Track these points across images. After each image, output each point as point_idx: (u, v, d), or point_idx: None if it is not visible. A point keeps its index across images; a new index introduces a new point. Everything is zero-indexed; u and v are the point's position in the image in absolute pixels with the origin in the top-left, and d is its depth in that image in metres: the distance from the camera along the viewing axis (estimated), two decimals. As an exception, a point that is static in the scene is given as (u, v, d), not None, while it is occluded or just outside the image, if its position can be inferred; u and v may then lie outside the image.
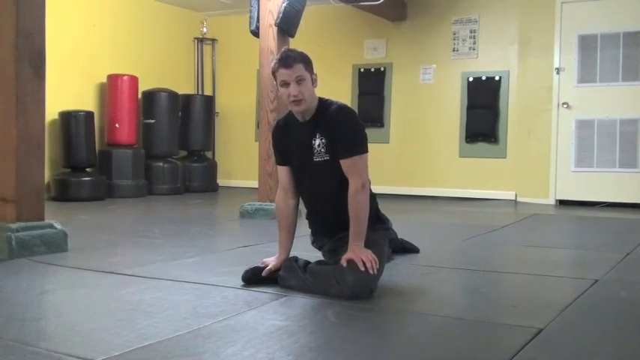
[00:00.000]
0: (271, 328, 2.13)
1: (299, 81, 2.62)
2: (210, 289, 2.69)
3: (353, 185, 2.61)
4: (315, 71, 2.72)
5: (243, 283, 2.76)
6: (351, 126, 2.67)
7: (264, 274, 2.75)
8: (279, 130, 2.86)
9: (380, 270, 2.59)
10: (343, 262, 2.51)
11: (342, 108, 2.70)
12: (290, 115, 2.80)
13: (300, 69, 2.62)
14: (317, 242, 2.98)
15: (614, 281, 3.02)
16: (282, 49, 2.76)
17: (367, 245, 2.60)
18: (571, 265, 3.74)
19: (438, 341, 2.09)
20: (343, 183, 2.65)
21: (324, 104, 2.73)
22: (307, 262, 2.73)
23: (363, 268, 2.48)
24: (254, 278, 2.76)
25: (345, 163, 2.63)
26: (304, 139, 2.71)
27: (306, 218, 2.95)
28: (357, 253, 2.52)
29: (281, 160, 2.86)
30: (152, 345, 1.93)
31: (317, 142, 2.67)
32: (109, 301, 2.56)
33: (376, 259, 2.52)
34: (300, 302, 2.49)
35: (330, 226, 2.83)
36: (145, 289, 2.69)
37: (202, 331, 2.10)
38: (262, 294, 2.60)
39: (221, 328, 2.13)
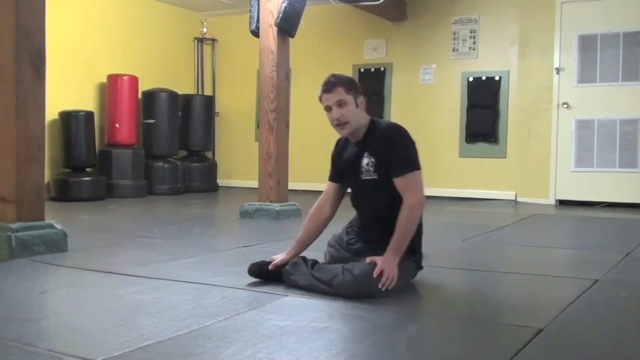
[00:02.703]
0: (271, 328, 2.13)
1: (340, 104, 2.66)
2: (210, 289, 2.69)
3: (409, 200, 2.60)
4: (361, 94, 2.72)
5: (249, 275, 2.79)
6: (401, 144, 2.68)
7: (271, 267, 2.77)
8: (338, 148, 2.92)
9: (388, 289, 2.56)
10: (367, 260, 2.53)
11: (391, 126, 2.72)
12: None
13: (340, 92, 2.66)
14: (351, 234, 2.93)
15: (614, 281, 3.02)
16: (328, 75, 2.79)
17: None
18: (571, 265, 3.74)
19: (438, 341, 2.09)
20: (391, 204, 2.65)
21: (374, 124, 2.76)
22: (315, 262, 2.75)
23: (375, 275, 2.47)
24: (260, 273, 2.79)
25: (399, 182, 2.63)
26: (354, 159, 2.76)
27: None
28: (385, 262, 2.51)
29: (333, 176, 2.92)
30: (152, 345, 1.93)
31: (365, 160, 2.70)
32: (109, 301, 2.56)
33: (394, 281, 2.50)
34: (300, 302, 2.49)
35: (370, 238, 2.81)
36: (145, 289, 2.69)
37: (202, 331, 2.09)
38: (262, 294, 2.60)
39: (221, 328, 2.13)
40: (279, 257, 2.80)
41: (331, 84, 2.69)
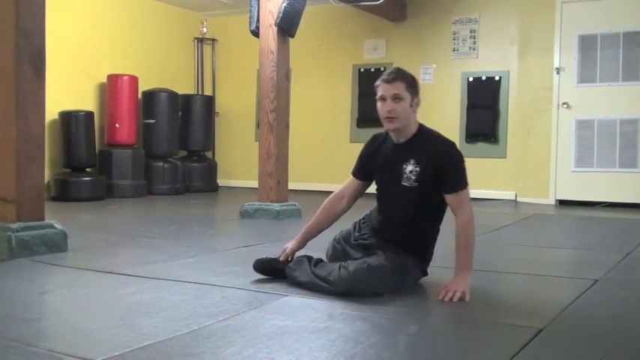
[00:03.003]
0: (271, 328, 2.13)
1: (395, 98, 2.62)
2: (210, 289, 2.69)
3: (462, 218, 2.62)
4: (418, 96, 2.68)
5: (254, 271, 2.83)
6: (457, 162, 2.68)
7: (281, 258, 2.81)
8: (374, 144, 2.86)
9: (381, 285, 2.57)
10: (442, 291, 2.54)
11: (447, 143, 2.69)
12: (387, 134, 2.81)
13: (400, 87, 2.62)
14: (365, 230, 2.89)
15: (614, 281, 3.02)
16: (394, 67, 2.76)
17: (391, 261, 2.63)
18: (571, 265, 3.74)
19: (438, 341, 2.09)
20: (422, 214, 2.70)
21: (424, 132, 2.73)
22: (319, 260, 2.76)
23: (447, 298, 2.49)
24: (265, 269, 2.84)
25: (451, 198, 2.65)
26: (395, 161, 2.71)
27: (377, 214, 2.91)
28: (455, 285, 2.54)
29: (359, 173, 2.88)
30: (152, 345, 1.93)
31: (409, 168, 2.66)
32: (109, 301, 2.56)
33: (464, 297, 2.51)
34: (300, 302, 2.49)
35: (387, 238, 2.77)
36: (145, 289, 2.69)
37: (202, 331, 2.09)
38: (262, 294, 2.60)
39: (221, 328, 2.13)
40: (288, 246, 2.85)
41: (393, 76, 2.65)
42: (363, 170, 2.87)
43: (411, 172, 2.66)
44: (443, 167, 2.63)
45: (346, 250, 2.90)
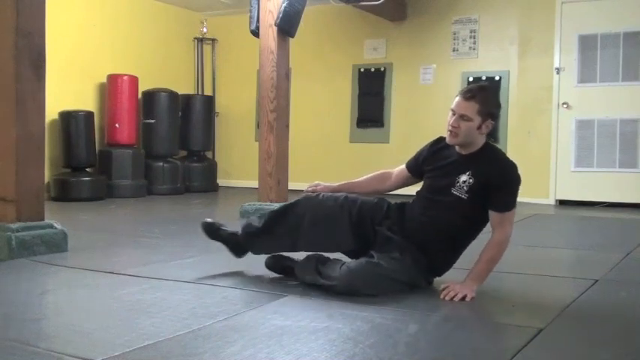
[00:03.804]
0: (271, 328, 2.13)
1: (463, 117, 2.59)
2: (210, 289, 2.69)
3: (499, 236, 2.61)
4: (491, 120, 2.63)
5: (266, 268, 2.88)
6: (514, 185, 2.65)
7: (309, 188, 2.89)
8: (436, 146, 2.84)
9: (377, 286, 2.58)
10: (443, 288, 2.58)
11: (511, 164, 2.66)
12: None
13: (471, 108, 2.58)
14: (393, 219, 2.79)
15: (614, 281, 3.02)
16: (480, 84, 2.74)
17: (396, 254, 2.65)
18: (571, 265, 3.74)
19: (438, 341, 2.09)
20: (460, 226, 2.68)
21: (490, 149, 2.71)
22: (327, 259, 2.76)
23: (448, 298, 2.52)
24: (275, 266, 2.89)
25: (496, 217, 2.62)
26: (453, 169, 2.69)
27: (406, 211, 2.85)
28: (461, 287, 2.56)
29: (413, 166, 2.87)
30: (152, 345, 1.93)
31: (464, 178, 2.64)
32: (109, 301, 2.56)
33: (467, 299, 2.52)
34: (300, 302, 2.49)
35: (413, 239, 2.72)
36: (145, 289, 2.69)
37: (202, 331, 2.10)
38: (262, 294, 2.60)
39: (221, 328, 2.13)
40: (321, 184, 2.92)
41: (471, 95, 2.60)
42: (417, 166, 2.86)
43: (464, 182, 2.63)
44: (499, 185, 2.60)
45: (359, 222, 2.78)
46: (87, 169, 7.14)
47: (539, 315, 2.33)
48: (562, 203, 7.10)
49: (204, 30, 8.97)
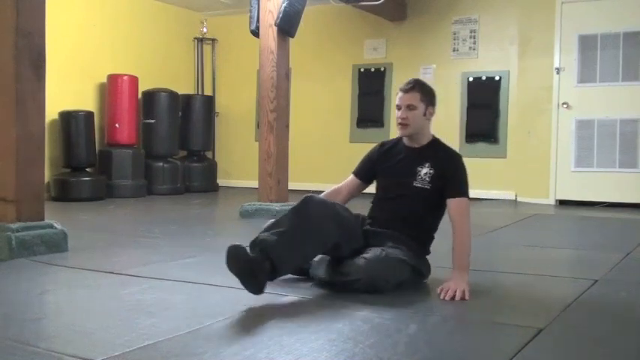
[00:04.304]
0: (271, 328, 2.13)
1: (409, 107, 2.80)
2: (210, 289, 2.69)
3: (461, 229, 2.78)
4: (434, 106, 2.89)
5: None
6: (463, 172, 2.88)
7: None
8: (383, 148, 3.00)
9: (395, 276, 2.67)
10: (440, 291, 2.62)
11: (458, 155, 2.92)
12: (397, 140, 2.97)
13: (414, 97, 2.81)
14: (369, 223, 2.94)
15: (614, 281, 3.02)
16: (413, 78, 2.95)
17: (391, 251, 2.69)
18: (571, 265, 3.74)
19: (438, 341, 2.09)
20: (424, 215, 2.86)
21: (438, 142, 2.93)
22: (341, 257, 2.77)
23: (448, 297, 2.55)
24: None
25: (453, 204, 2.80)
26: (409, 164, 2.86)
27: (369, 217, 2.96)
28: (454, 284, 2.62)
29: (362, 173, 3.02)
30: (152, 345, 1.93)
31: (425, 170, 2.83)
32: (109, 301, 2.56)
33: (464, 296, 2.57)
34: (300, 302, 2.49)
35: (384, 226, 2.86)
36: (145, 289, 2.69)
37: (202, 331, 2.10)
38: (262, 294, 2.60)
39: (221, 328, 2.13)
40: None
41: (410, 86, 2.84)
42: (367, 171, 3.01)
43: (426, 174, 2.82)
44: (453, 174, 2.84)
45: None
46: (87, 169, 7.14)
47: (539, 315, 2.33)
48: (562, 203, 7.10)
49: (204, 30, 8.97)
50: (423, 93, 2.84)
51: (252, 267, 2.41)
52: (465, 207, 2.82)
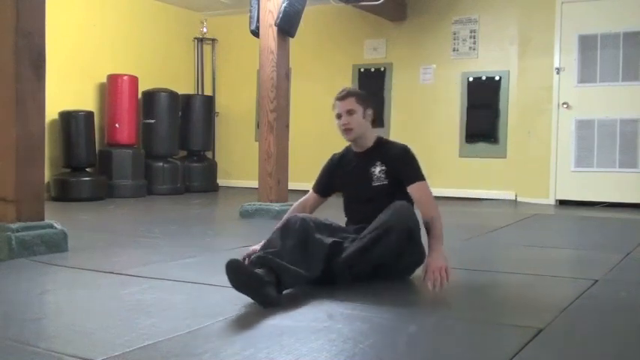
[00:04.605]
0: (271, 328, 2.13)
1: (349, 112, 2.95)
2: (210, 289, 2.69)
3: (430, 213, 2.85)
4: (371, 108, 3.03)
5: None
6: (413, 159, 3.00)
7: (244, 256, 2.77)
8: (335, 162, 3.17)
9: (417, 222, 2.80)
10: (424, 274, 2.67)
11: (404, 145, 3.05)
12: (346, 150, 3.13)
13: (351, 102, 2.96)
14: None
15: (614, 281, 3.02)
16: (344, 87, 3.08)
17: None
18: (571, 265, 3.74)
19: (438, 341, 2.09)
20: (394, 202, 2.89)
21: (383, 141, 3.09)
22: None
23: (437, 285, 2.60)
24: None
25: (413, 189, 2.92)
26: (362, 167, 3.00)
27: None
28: (434, 262, 2.66)
29: (320, 188, 3.16)
30: (152, 345, 1.93)
31: (377, 169, 2.97)
32: (109, 301, 2.56)
33: (447, 274, 2.63)
34: (300, 302, 2.49)
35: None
36: (145, 289, 2.69)
37: (202, 331, 2.10)
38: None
39: (221, 328, 2.13)
40: (256, 248, 2.82)
41: (345, 93, 2.98)
42: (325, 186, 3.15)
43: (380, 172, 2.97)
44: (404, 163, 2.97)
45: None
46: (87, 169, 7.15)
47: (539, 315, 2.33)
48: (562, 203, 7.10)
49: (204, 30, 8.98)
50: (358, 97, 2.98)
51: (257, 279, 2.38)
52: (426, 188, 2.94)
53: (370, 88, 8.13)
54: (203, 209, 6.63)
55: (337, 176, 3.12)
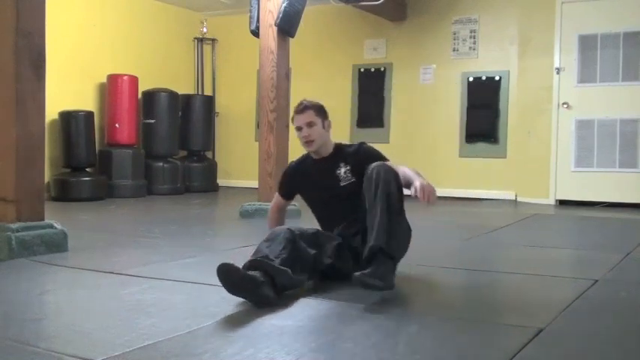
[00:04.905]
0: (271, 328, 2.13)
1: (309, 124, 3.03)
2: (210, 289, 2.69)
3: (397, 170, 2.83)
4: (329, 118, 3.13)
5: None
6: (373, 149, 3.11)
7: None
8: (293, 170, 3.26)
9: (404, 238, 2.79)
10: (414, 190, 2.73)
11: (363, 143, 3.15)
12: (304, 157, 3.20)
13: (310, 115, 3.05)
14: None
15: (614, 281, 3.02)
16: (301, 100, 3.13)
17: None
18: (571, 265, 3.74)
19: (438, 341, 2.09)
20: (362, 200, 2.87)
21: (341, 145, 3.16)
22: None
23: (430, 197, 2.68)
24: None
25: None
26: (326, 171, 3.07)
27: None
28: (422, 181, 2.75)
29: (286, 193, 3.30)
30: (152, 345, 1.93)
31: (342, 170, 3.04)
32: (109, 301, 2.56)
33: (434, 193, 2.71)
34: (301, 302, 2.49)
35: (351, 228, 2.94)
36: (145, 289, 2.69)
37: (202, 331, 2.10)
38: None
39: (221, 328, 2.13)
40: None
41: (303, 107, 3.07)
42: (289, 190, 3.28)
43: (345, 171, 3.03)
44: (367, 158, 2.99)
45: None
46: (87, 169, 7.14)
47: (539, 315, 2.33)
48: (562, 203, 7.10)
49: (204, 30, 8.98)
50: (316, 109, 3.07)
51: (251, 280, 2.36)
52: (391, 164, 2.91)
53: (370, 88, 8.15)
54: (203, 209, 6.63)
55: (299, 184, 3.20)
